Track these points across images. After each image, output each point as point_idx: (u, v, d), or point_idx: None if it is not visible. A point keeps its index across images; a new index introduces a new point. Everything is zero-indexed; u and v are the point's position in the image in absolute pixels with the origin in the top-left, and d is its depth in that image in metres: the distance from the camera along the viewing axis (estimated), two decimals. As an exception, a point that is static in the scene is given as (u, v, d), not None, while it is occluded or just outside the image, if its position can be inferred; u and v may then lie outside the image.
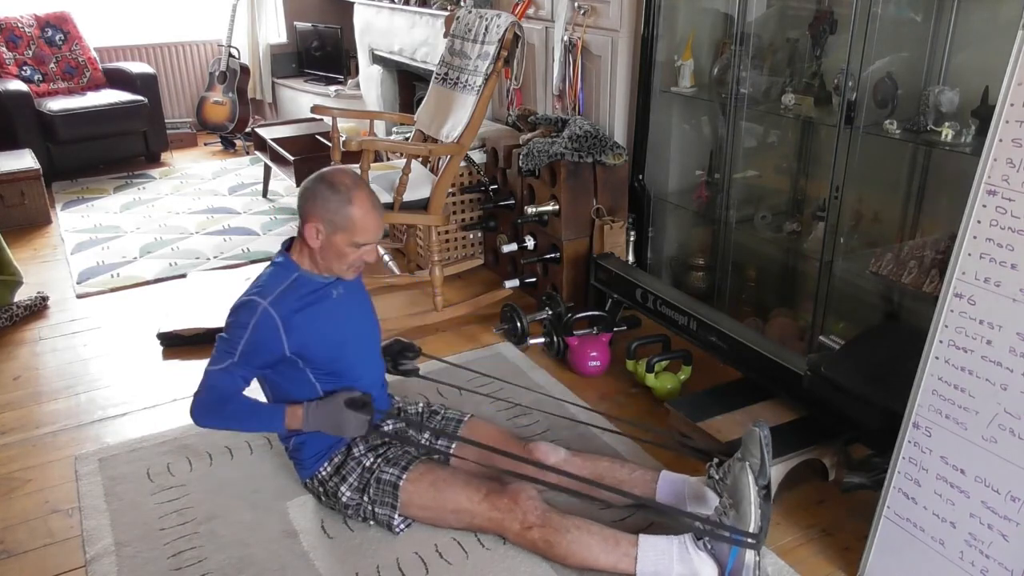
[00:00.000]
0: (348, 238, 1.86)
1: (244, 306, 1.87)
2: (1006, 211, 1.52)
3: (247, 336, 1.84)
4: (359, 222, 1.85)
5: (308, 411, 1.90)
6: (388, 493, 1.94)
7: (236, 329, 1.86)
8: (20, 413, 2.60)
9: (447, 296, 3.23)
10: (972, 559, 1.63)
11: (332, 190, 1.85)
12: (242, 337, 1.84)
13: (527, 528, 1.85)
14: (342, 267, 1.91)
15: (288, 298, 1.88)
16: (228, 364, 1.85)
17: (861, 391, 1.96)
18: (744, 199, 2.94)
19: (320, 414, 1.90)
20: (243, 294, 1.91)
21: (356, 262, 1.92)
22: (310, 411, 1.90)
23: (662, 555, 1.77)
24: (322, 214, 1.85)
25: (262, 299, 1.86)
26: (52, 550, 2.00)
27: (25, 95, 4.85)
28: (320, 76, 6.11)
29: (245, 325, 1.84)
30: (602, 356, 2.75)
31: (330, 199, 1.85)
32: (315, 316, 1.91)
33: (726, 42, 2.87)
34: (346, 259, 1.89)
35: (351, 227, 1.85)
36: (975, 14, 2.20)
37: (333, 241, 1.87)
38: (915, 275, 2.26)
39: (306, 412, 1.90)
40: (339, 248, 1.87)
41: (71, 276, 3.64)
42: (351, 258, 1.90)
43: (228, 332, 1.88)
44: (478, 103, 2.95)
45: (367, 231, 1.87)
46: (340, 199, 1.84)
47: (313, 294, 1.93)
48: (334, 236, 1.86)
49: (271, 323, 1.85)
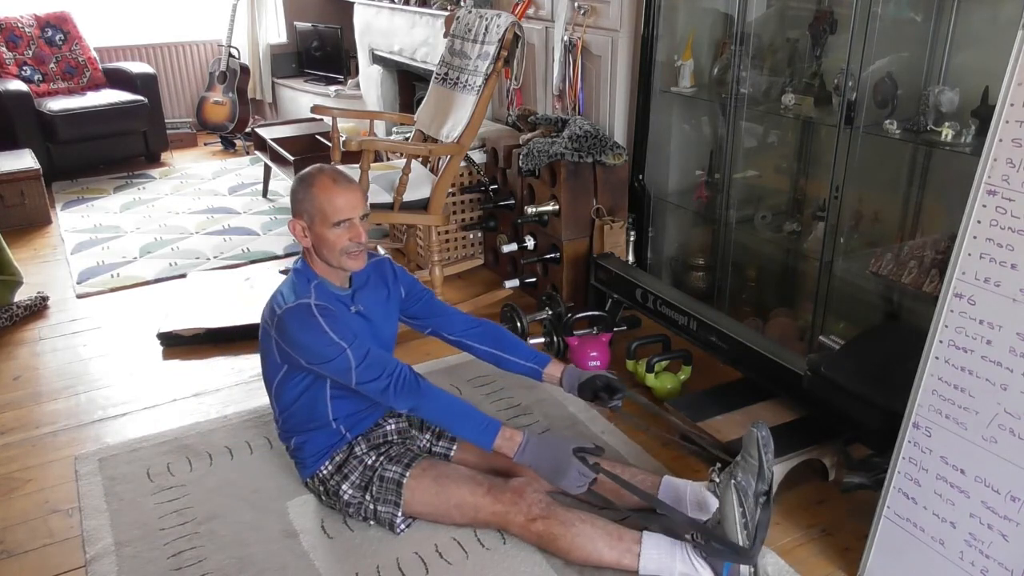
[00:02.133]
0: (325, 221, 1.85)
1: (298, 313, 1.83)
2: (1006, 211, 1.52)
3: (327, 327, 1.81)
4: (325, 200, 1.84)
5: (528, 441, 1.82)
6: (391, 491, 1.94)
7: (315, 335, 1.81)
8: (20, 413, 2.60)
9: (447, 296, 3.23)
10: (972, 559, 1.63)
11: (299, 183, 1.88)
12: (325, 332, 1.81)
13: (531, 520, 1.85)
14: (338, 256, 1.89)
15: (321, 297, 1.88)
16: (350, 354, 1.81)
17: (861, 391, 1.96)
18: (744, 199, 2.94)
19: (542, 451, 1.82)
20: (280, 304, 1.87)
21: (349, 246, 1.88)
22: (531, 442, 1.82)
23: (665, 554, 1.78)
24: (298, 209, 1.88)
25: (307, 299, 1.85)
26: (52, 550, 2.00)
27: (25, 95, 4.85)
28: (320, 76, 6.11)
29: (317, 324, 1.81)
30: (602, 356, 2.74)
31: (298, 191, 1.88)
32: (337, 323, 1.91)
33: (726, 42, 2.87)
34: (336, 245, 1.87)
35: (321, 208, 1.84)
36: (975, 14, 2.19)
37: (316, 232, 1.87)
38: (915, 275, 2.26)
39: (525, 441, 1.82)
40: (324, 236, 1.86)
41: (71, 276, 3.64)
42: (340, 243, 1.87)
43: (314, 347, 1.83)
44: (478, 103, 2.95)
45: (337, 208, 1.85)
46: (304, 187, 1.87)
47: (332, 303, 1.92)
48: (314, 226, 1.86)
49: (329, 311, 1.85)
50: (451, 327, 2.17)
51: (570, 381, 2.08)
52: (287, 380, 1.97)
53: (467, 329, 2.17)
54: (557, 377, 2.10)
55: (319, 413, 1.99)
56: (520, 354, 2.13)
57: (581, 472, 1.79)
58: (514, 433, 1.84)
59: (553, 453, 1.81)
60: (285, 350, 1.90)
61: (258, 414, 2.50)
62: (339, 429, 2.01)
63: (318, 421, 1.99)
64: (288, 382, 1.97)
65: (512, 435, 1.83)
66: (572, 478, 1.79)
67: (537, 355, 2.13)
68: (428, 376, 2.52)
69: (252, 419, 2.49)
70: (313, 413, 1.99)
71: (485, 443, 1.84)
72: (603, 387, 2.04)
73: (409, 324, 2.21)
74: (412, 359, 2.76)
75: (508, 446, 1.82)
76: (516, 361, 2.13)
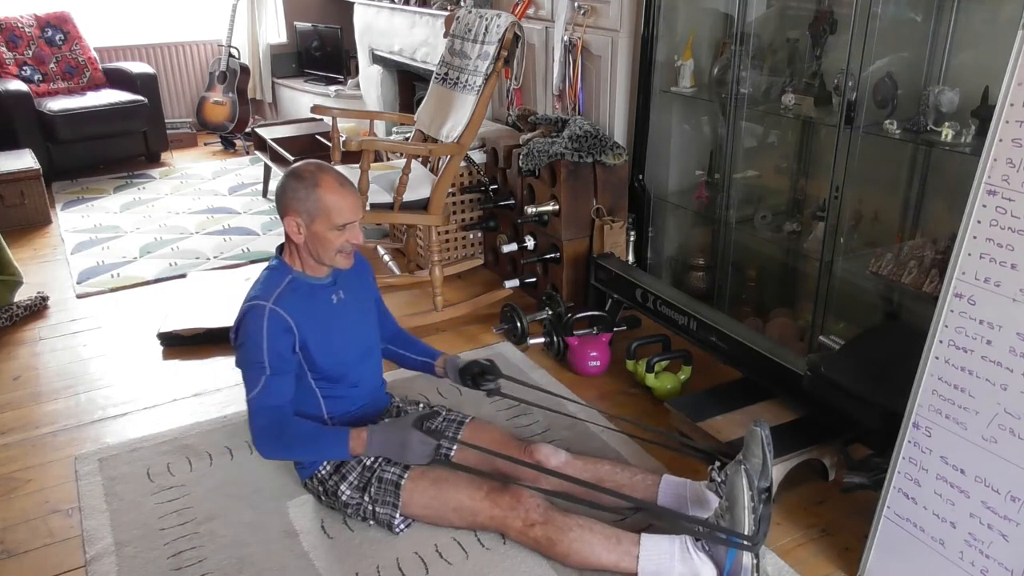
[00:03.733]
0: (327, 222, 1.85)
1: (249, 314, 1.85)
2: (1006, 211, 1.52)
3: (266, 342, 1.82)
4: (331, 203, 1.84)
5: (372, 433, 1.88)
6: (390, 492, 1.94)
7: (252, 341, 1.83)
8: (20, 413, 2.60)
9: (447, 296, 3.23)
10: (972, 559, 1.64)
11: (298, 180, 1.86)
12: (261, 346, 1.82)
13: (529, 526, 1.85)
14: (332, 255, 1.89)
15: (288, 297, 1.88)
16: (264, 381, 1.83)
17: (861, 391, 1.96)
18: (744, 199, 2.94)
19: (386, 436, 1.88)
20: (243, 303, 1.89)
21: (344, 246, 1.89)
22: (375, 433, 1.88)
23: (664, 554, 1.77)
24: (296, 206, 1.85)
25: (264, 301, 1.85)
26: (52, 550, 2.00)
27: (25, 95, 4.85)
28: (320, 76, 6.11)
29: (259, 332, 1.82)
30: (602, 356, 2.74)
31: (298, 189, 1.85)
32: (315, 318, 1.91)
33: (726, 42, 2.87)
34: (333, 245, 1.88)
35: (325, 210, 1.84)
36: (975, 14, 2.20)
37: (314, 231, 1.86)
38: (915, 275, 2.26)
39: (370, 435, 1.87)
40: (323, 236, 1.86)
41: (71, 276, 3.64)
42: (337, 243, 1.88)
43: (245, 349, 1.85)
44: (478, 103, 2.95)
45: (342, 210, 1.85)
46: (307, 186, 1.84)
47: (311, 297, 1.93)
48: (313, 225, 1.86)
49: (281, 321, 1.84)
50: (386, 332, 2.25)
51: (450, 369, 2.17)
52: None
53: (393, 336, 2.26)
54: (443, 368, 2.19)
55: (312, 411, 1.99)
56: (415, 350, 2.23)
57: (422, 441, 1.85)
58: (359, 432, 1.88)
59: (395, 434, 1.87)
60: None
61: (258, 414, 2.50)
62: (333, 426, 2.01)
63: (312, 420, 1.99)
64: None
65: (358, 434, 1.88)
66: (416, 451, 1.85)
67: (429, 350, 2.24)
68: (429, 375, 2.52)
69: (252, 419, 2.49)
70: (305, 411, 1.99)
71: (343, 454, 1.90)
72: (479, 372, 2.14)
73: None
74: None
75: (359, 445, 1.88)
76: (412, 357, 2.23)
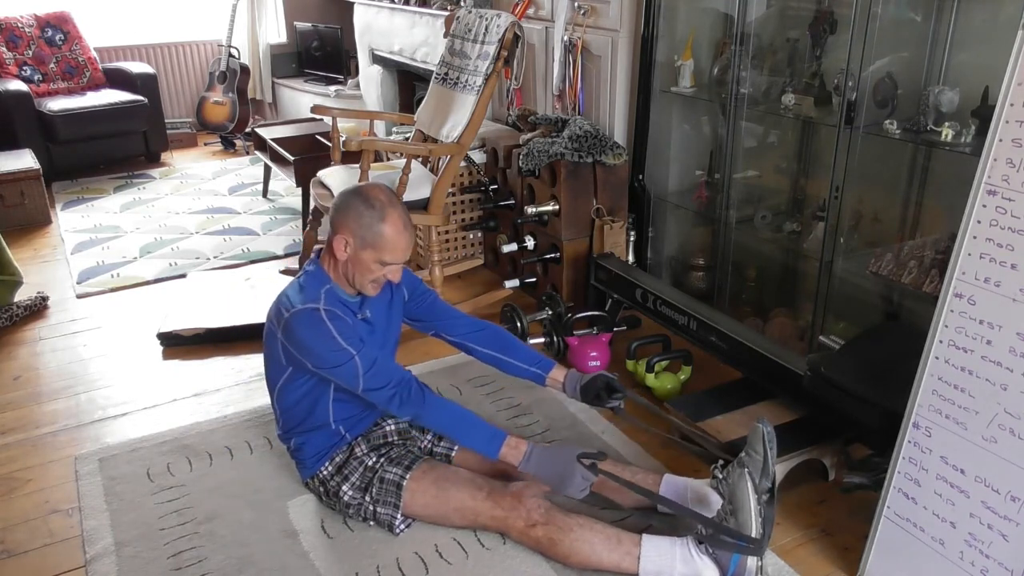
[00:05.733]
0: (376, 255, 1.85)
1: (306, 317, 1.83)
2: (1006, 211, 1.52)
3: (337, 332, 1.81)
4: (390, 240, 1.84)
5: (533, 450, 1.84)
6: (391, 493, 1.94)
7: (324, 343, 1.82)
8: (20, 413, 2.60)
9: (447, 296, 3.23)
10: (972, 559, 1.64)
11: (367, 205, 1.83)
12: (333, 336, 1.81)
13: (531, 526, 1.85)
14: (365, 282, 1.90)
15: (327, 304, 1.88)
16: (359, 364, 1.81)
17: (861, 391, 1.96)
18: (744, 199, 2.94)
19: (546, 460, 1.83)
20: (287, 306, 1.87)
21: (380, 279, 1.90)
22: (535, 451, 1.84)
23: (665, 555, 1.77)
24: (354, 228, 1.84)
25: (315, 304, 1.85)
26: (52, 550, 2.00)
27: (25, 95, 4.84)
28: (320, 76, 6.11)
29: (327, 330, 1.81)
30: (602, 356, 2.74)
31: (364, 214, 1.83)
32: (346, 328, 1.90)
33: (726, 42, 2.87)
34: (371, 275, 1.88)
35: (381, 244, 1.84)
36: (975, 14, 2.20)
37: (360, 256, 1.85)
38: (915, 275, 2.26)
39: (530, 450, 1.84)
40: (366, 264, 1.86)
41: (71, 276, 3.64)
42: (376, 275, 1.88)
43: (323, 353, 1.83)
44: (478, 103, 2.95)
45: (396, 250, 1.86)
46: (373, 215, 1.83)
47: (340, 309, 1.92)
48: (362, 251, 1.85)
49: (337, 317, 1.84)
50: (454, 329, 2.17)
51: (572, 385, 2.09)
52: (291, 382, 1.97)
53: (470, 332, 2.16)
54: (560, 382, 2.10)
55: (319, 415, 1.99)
56: (523, 358, 2.13)
57: (584, 477, 1.80)
58: (519, 442, 1.85)
59: (557, 461, 1.82)
60: (291, 353, 1.90)
61: (258, 414, 2.50)
62: (338, 430, 2.01)
63: (318, 422, 2.00)
64: (291, 384, 1.97)
65: (517, 444, 1.85)
66: (576, 484, 1.79)
67: (540, 359, 2.13)
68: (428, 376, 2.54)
69: (252, 419, 2.49)
70: (313, 414, 1.99)
71: (491, 452, 1.85)
72: (603, 387, 2.06)
73: (412, 326, 2.20)
74: (412, 359, 2.76)
75: (514, 455, 1.84)
76: (519, 365, 2.13)
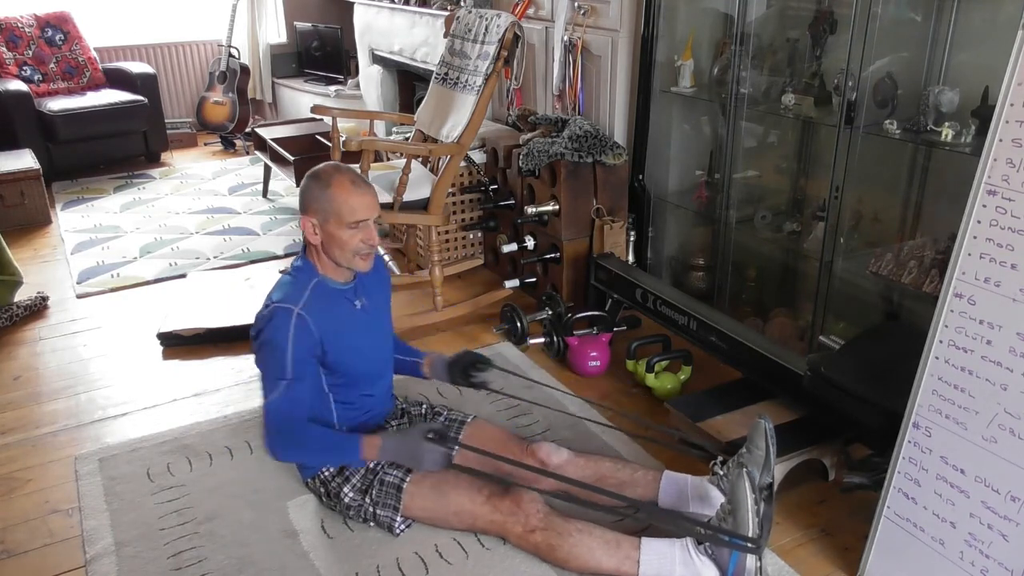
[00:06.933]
0: (339, 221, 1.85)
1: (276, 316, 1.84)
2: (1006, 211, 1.52)
3: (290, 348, 1.82)
4: (343, 201, 1.85)
5: (385, 442, 1.89)
6: (391, 495, 1.94)
7: (276, 345, 1.83)
8: (20, 413, 2.60)
9: (447, 296, 3.23)
10: (972, 559, 1.64)
11: (315, 180, 1.88)
12: (285, 350, 1.82)
13: (529, 531, 1.85)
14: (348, 256, 1.89)
15: (314, 302, 1.88)
16: (283, 386, 1.83)
17: (861, 391, 1.96)
18: (744, 199, 2.94)
19: (398, 446, 1.88)
20: (267, 303, 1.89)
21: (360, 247, 1.89)
22: (387, 441, 1.89)
23: (664, 558, 1.77)
24: (313, 207, 1.87)
25: (292, 305, 1.85)
26: (52, 550, 2.00)
27: (25, 95, 4.85)
28: (320, 76, 6.11)
29: (285, 338, 1.82)
30: (602, 356, 2.74)
31: (314, 189, 1.87)
32: (337, 324, 1.91)
33: (726, 42, 2.87)
34: (348, 245, 1.88)
35: (337, 208, 1.85)
36: (975, 14, 2.20)
37: (329, 231, 1.87)
38: (915, 275, 2.26)
39: (383, 443, 1.88)
40: (337, 236, 1.87)
41: (71, 276, 3.64)
42: (352, 243, 1.88)
43: (268, 351, 1.84)
44: (478, 103, 2.95)
45: (354, 209, 1.85)
46: (321, 186, 1.86)
47: (335, 302, 1.93)
48: (327, 225, 1.86)
49: (307, 328, 1.84)
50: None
51: (440, 366, 2.20)
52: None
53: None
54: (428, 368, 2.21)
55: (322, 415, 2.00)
56: (400, 351, 2.25)
57: (432, 451, 1.85)
58: (372, 439, 1.89)
59: (407, 444, 1.87)
60: None
61: (258, 414, 2.49)
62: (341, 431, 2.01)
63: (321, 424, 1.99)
64: None
65: (371, 440, 1.89)
66: (430, 460, 1.85)
67: (414, 350, 2.28)
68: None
69: (252, 419, 2.49)
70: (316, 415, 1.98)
71: (356, 459, 1.93)
72: (470, 363, 2.17)
73: None
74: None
75: (372, 452, 1.89)
76: (400, 359, 2.24)
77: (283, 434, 1.85)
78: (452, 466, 1.98)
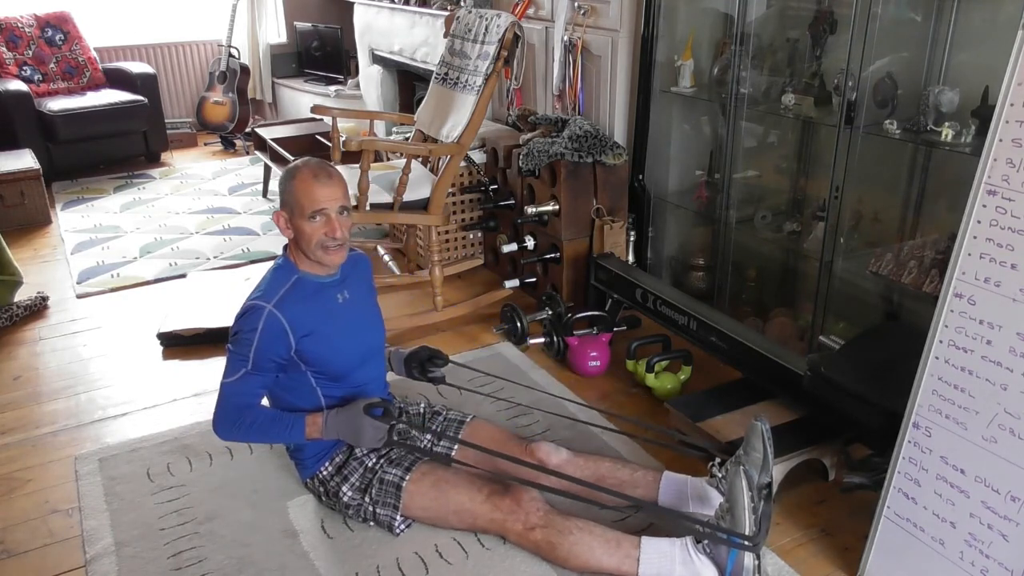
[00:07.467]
0: (302, 212, 1.86)
1: (249, 312, 1.87)
2: (1006, 211, 1.52)
3: (256, 342, 1.84)
4: (303, 191, 1.85)
5: (328, 419, 1.90)
6: (391, 494, 1.94)
7: (244, 337, 1.85)
8: (20, 413, 2.60)
9: (447, 296, 3.23)
10: (972, 559, 1.64)
11: (284, 174, 1.91)
12: (251, 343, 1.84)
13: (529, 529, 1.85)
14: (314, 249, 1.89)
15: (291, 299, 1.88)
16: (242, 373, 1.86)
17: (861, 391, 1.96)
18: (744, 199, 2.94)
19: (339, 421, 1.90)
20: (247, 299, 1.91)
21: (325, 240, 1.87)
22: (329, 418, 1.90)
23: (664, 557, 1.77)
24: (281, 199, 1.90)
25: (266, 303, 1.86)
26: (52, 550, 2.00)
27: (25, 95, 4.85)
28: (320, 76, 6.11)
29: (253, 331, 1.84)
30: (602, 356, 2.74)
31: (282, 182, 1.90)
32: (319, 318, 1.91)
33: (726, 42, 2.87)
34: (312, 238, 1.87)
35: (299, 199, 1.85)
36: (975, 14, 2.20)
37: (296, 224, 1.88)
38: (915, 275, 2.26)
39: (325, 420, 1.90)
40: (301, 228, 1.87)
41: (71, 276, 3.64)
42: (316, 235, 1.87)
43: (236, 341, 1.87)
44: (478, 103, 2.95)
45: (313, 199, 1.84)
46: (287, 178, 1.88)
47: (316, 295, 1.94)
48: (293, 219, 1.88)
49: (278, 326, 1.85)
50: None
51: (396, 361, 2.20)
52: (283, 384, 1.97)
53: None
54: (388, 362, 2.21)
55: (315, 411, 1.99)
56: None
57: (373, 427, 1.87)
58: (315, 417, 1.91)
59: (347, 418, 1.89)
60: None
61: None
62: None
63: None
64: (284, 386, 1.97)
65: (314, 419, 1.91)
66: (368, 435, 1.87)
67: None
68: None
69: (252, 419, 2.49)
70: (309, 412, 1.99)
71: (300, 438, 1.93)
72: (427, 358, 2.16)
73: None
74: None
75: (316, 430, 1.91)
76: None
77: (230, 415, 1.89)
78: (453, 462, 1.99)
